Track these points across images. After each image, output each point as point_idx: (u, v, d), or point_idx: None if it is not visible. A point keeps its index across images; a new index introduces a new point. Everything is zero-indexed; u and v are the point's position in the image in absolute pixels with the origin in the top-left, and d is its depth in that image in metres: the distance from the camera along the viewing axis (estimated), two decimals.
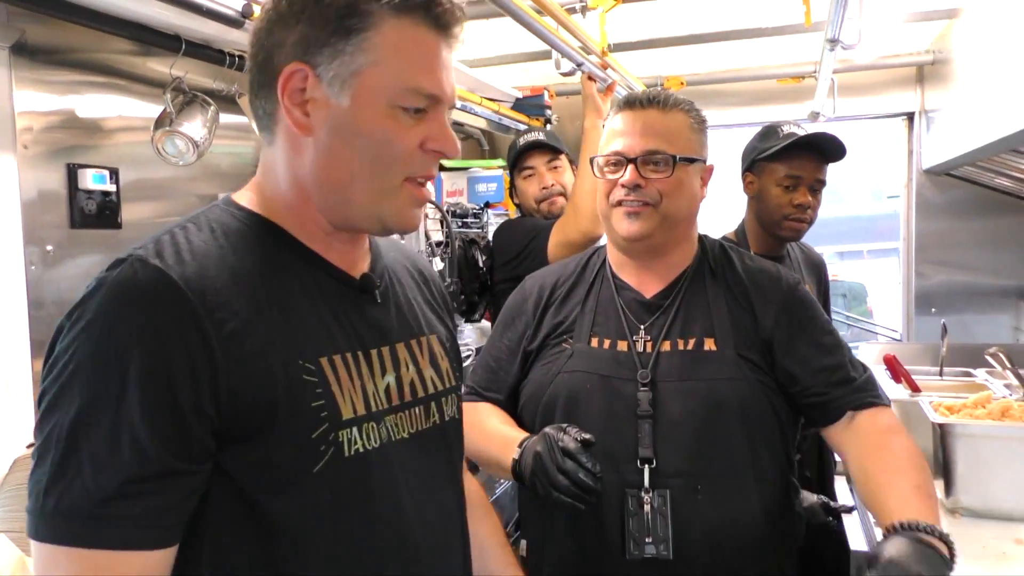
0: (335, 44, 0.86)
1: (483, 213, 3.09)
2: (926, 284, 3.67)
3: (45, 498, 0.75)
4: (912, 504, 1.19)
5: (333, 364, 0.89)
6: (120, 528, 0.75)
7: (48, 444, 0.77)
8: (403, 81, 0.88)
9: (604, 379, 1.41)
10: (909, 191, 3.74)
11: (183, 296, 0.79)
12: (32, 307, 1.84)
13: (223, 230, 0.89)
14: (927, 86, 3.59)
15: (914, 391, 2.15)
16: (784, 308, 1.44)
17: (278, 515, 0.84)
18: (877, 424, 1.36)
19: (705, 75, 3.72)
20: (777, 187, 2.11)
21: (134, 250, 0.82)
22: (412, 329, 1.03)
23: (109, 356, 0.76)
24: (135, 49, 2.11)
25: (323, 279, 0.93)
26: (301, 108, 0.87)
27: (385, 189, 0.91)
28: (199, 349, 0.78)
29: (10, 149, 1.80)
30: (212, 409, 0.79)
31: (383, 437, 0.92)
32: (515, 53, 3.30)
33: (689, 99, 1.51)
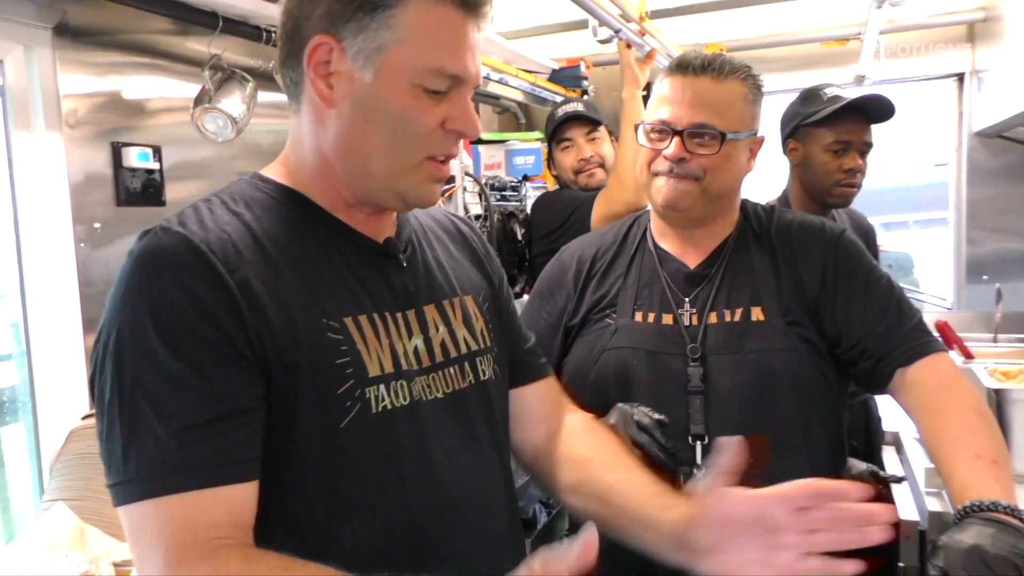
0: (360, 19, 0.86)
1: (521, 186, 3.07)
2: (978, 251, 3.57)
3: (125, 464, 0.78)
4: (975, 478, 1.12)
5: (359, 324, 0.90)
6: (203, 469, 0.78)
7: (112, 416, 0.79)
8: (426, 61, 0.88)
9: (651, 355, 1.38)
10: (959, 155, 3.62)
11: (205, 256, 0.82)
12: (83, 285, 1.88)
13: (246, 200, 0.92)
14: (978, 44, 3.47)
15: (968, 358, 2.10)
16: (830, 263, 1.39)
17: (306, 468, 0.86)
18: (927, 382, 1.29)
19: (746, 40, 3.63)
20: (825, 152, 2.05)
21: (159, 223, 0.86)
22: (443, 291, 1.04)
23: (145, 318, 0.79)
24: (174, 28, 2.13)
25: (346, 245, 0.95)
26: (325, 80, 0.88)
27: (404, 166, 0.92)
28: (226, 301, 0.82)
29: (56, 129, 1.84)
30: (249, 351, 0.82)
31: (413, 395, 0.93)
32: (551, 24, 3.27)
33: (747, 65, 1.42)
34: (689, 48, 1.46)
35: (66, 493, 1.65)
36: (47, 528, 1.54)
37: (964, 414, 1.23)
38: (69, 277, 1.87)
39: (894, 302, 1.37)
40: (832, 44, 3.52)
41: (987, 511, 1.06)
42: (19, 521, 1.94)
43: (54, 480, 1.71)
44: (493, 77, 2.96)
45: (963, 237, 3.60)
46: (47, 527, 1.54)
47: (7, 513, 1.96)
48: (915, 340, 1.33)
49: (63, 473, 1.70)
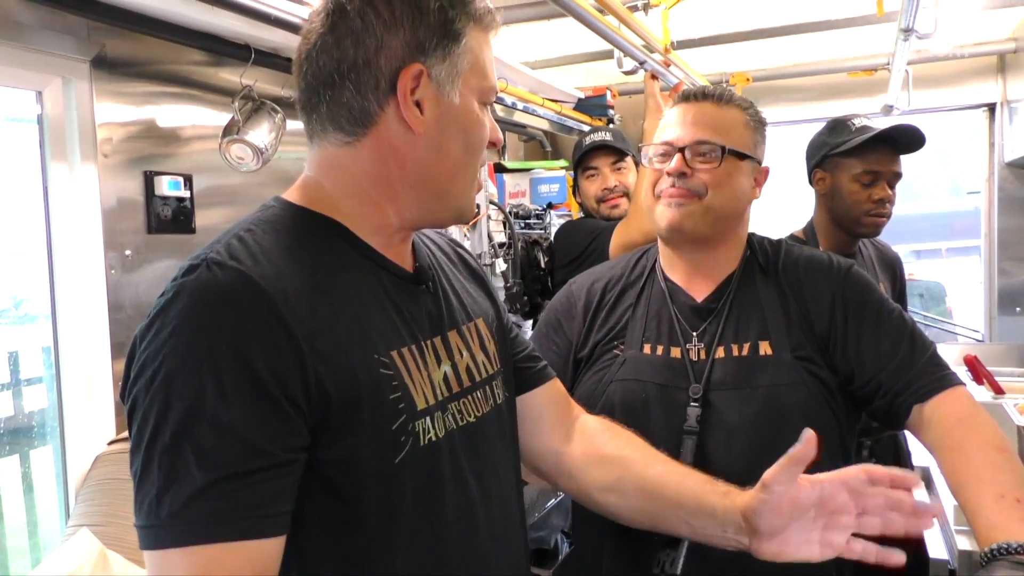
0: (446, 46, 0.92)
1: (545, 214, 3.08)
2: (1010, 282, 3.51)
3: (159, 507, 0.76)
4: (1000, 519, 1.10)
5: (403, 357, 0.91)
6: (237, 521, 0.77)
7: (151, 454, 0.77)
8: (485, 80, 0.97)
9: (661, 388, 1.38)
10: (991, 185, 3.58)
11: (265, 294, 0.80)
12: (112, 310, 1.91)
13: (287, 230, 0.90)
14: (1009, 75, 3.44)
15: (997, 393, 2.06)
16: (838, 298, 1.38)
17: (364, 506, 0.86)
18: (945, 418, 1.26)
19: (772, 70, 3.64)
20: (854, 183, 2.03)
21: (207, 254, 0.83)
22: (461, 316, 1.06)
23: (201, 358, 0.76)
24: (208, 60, 2.18)
25: (384, 276, 0.95)
26: (416, 107, 0.91)
27: (472, 179, 0.99)
28: (286, 344, 0.80)
29: (91, 159, 1.89)
30: (304, 402, 0.80)
31: (448, 425, 0.95)
32: (577, 53, 3.29)
33: (748, 99, 1.46)
34: (714, 78, 1.49)
35: (90, 519, 1.67)
36: (70, 553, 1.56)
37: (985, 451, 1.20)
38: (99, 303, 1.90)
39: (907, 336, 1.35)
40: (859, 74, 3.51)
41: (1016, 554, 1.04)
42: (46, 544, 1.96)
43: (79, 505, 1.74)
44: (519, 106, 2.98)
45: (995, 268, 3.55)
46: (70, 552, 1.56)
47: (35, 536, 1.98)
48: (931, 375, 1.30)
49: (88, 499, 1.72)
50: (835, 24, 2.93)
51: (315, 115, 0.94)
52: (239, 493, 0.77)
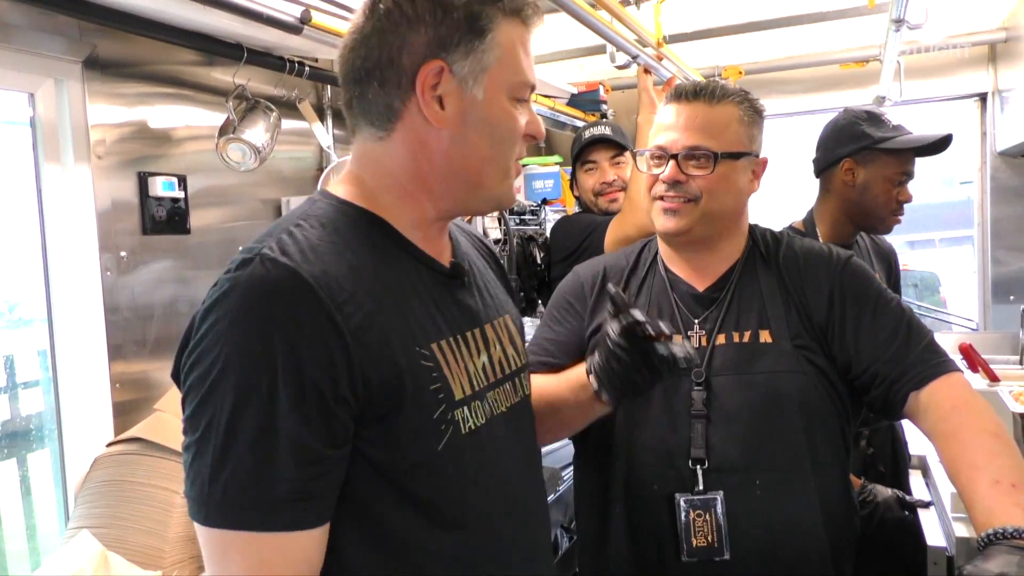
0: (469, 42, 0.93)
1: (540, 210, 3.08)
2: (1003, 271, 3.52)
3: (211, 485, 0.80)
4: (996, 504, 1.11)
5: (442, 349, 0.95)
6: (285, 511, 0.81)
7: (208, 435, 0.81)
8: (517, 75, 0.98)
9: None
10: (983, 174, 3.59)
11: (315, 292, 0.83)
12: (108, 312, 1.91)
13: (333, 225, 0.94)
14: (1000, 65, 3.45)
15: (992, 380, 2.07)
16: (836, 288, 1.39)
17: (410, 492, 0.90)
18: (941, 405, 1.27)
19: (764, 63, 3.64)
20: (887, 183, 1.99)
21: (260, 248, 0.86)
22: (494, 310, 1.10)
23: (256, 351, 0.80)
24: (200, 60, 2.18)
25: (423, 270, 0.99)
26: (438, 102, 0.94)
27: (506, 171, 1.00)
28: (334, 340, 0.83)
29: (85, 160, 1.88)
30: (351, 396, 0.84)
31: (487, 413, 1.00)
32: (570, 48, 3.29)
33: (743, 90, 1.45)
34: (707, 71, 1.49)
35: (90, 521, 1.67)
36: (71, 555, 1.55)
37: (981, 437, 1.21)
38: (95, 305, 1.90)
39: (903, 325, 1.36)
40: (851, 66, 3.51)
41: (1012, 538, 1.05)
42: (45, 548, 1.96)
43: (79, 507, 1.73)
44: None
45: (988, 257, 3.56)
46: (71, 554, 1.56)
47: (33, 540, 1.98)
48: (927, 362, 1.31)
49: (88, 501, 1.72)
50: (826, 16, 2.94)
51: (350, 111, 0.99)
52: (288, 485, 0.81)
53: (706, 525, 1.29)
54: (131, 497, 1.68)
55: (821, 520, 1.32)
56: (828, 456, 1.36)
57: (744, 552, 1.29)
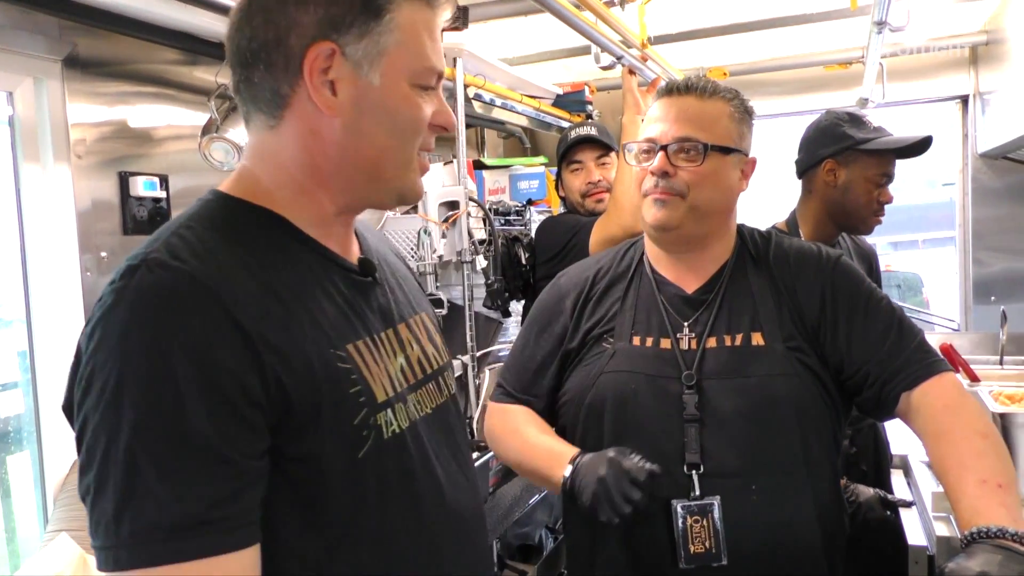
0: (364, 23, 0.86)
1: (525, 210, 3.08)
2: (984, 272, 3.55)
3: (118, 526, 0.71)
4: (981, 504, 1.12)
5: (359, 350, 0.89)
6: (207, 535, 0.73)
7: (105, 470, 0.72)
8: (420, 60, 0.90)
9: (650, 378, 1.37)
10: (964, 176, 3.62)
11: (214, 294, 0.76)
12: (88, 313, 1.88)
13: (228, 225, 0.86)
14: (981, 67, 3.48)
15: (973, 381, 2.09)
16: (828, 288, 1.39)
17: (329, 503, 0.84)
18: (931, 405, 1.28)
19: (748, 65, 3.65)
20: (868, 183, 2.02)
21: (146, 254, 0.78)
22: (408, 309, 1.05)
23: (154, 365, 0.72)
24: (182, 59, 2.16)
25: (330, 268, 0.93)
26: (329, 88, 0.86)
27: (407, 162, 0.93)
28: (240, 344, 0.76)
29: (65, 160, 1.86)
30: (265, 402, 0.77)
31: (411, 416, 0.94)
32: (555, 49, 3.29)
33: (735, 89, 1.46)
34: (691, 73, 1.49)
35: (69, 524, 1.65)
36: (50, 559, 1.54)
37: (969, 438, 1.22)
38: (75, 306, 1.88)
39: (894, 324, 1.36)
40: (835, 68, 3.53)
41: (995, 538, 1.06)
42: (25, 551, 1.93)
43: (57, 510, 1.72)
44: (497, 103, 2.98)
45: (969, 258, 3.59)
46: (50, 558, 1.54)
47: (12, 543, 1.96)
48: (918, 362, 1.32)
49: (66, 503, 1.70)
50: (810, 18, 2.96)
51: (239, 96, 0.91)
52: (207, 507, 0.73)
53: (704, 531, 1.28)
54: None
55: (816, 521, 1.31)
56: (821, 457, 1.35)
57: (741, 556, 1.29)
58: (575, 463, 1.32)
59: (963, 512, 1.14)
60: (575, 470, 1.31)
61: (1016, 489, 1.15)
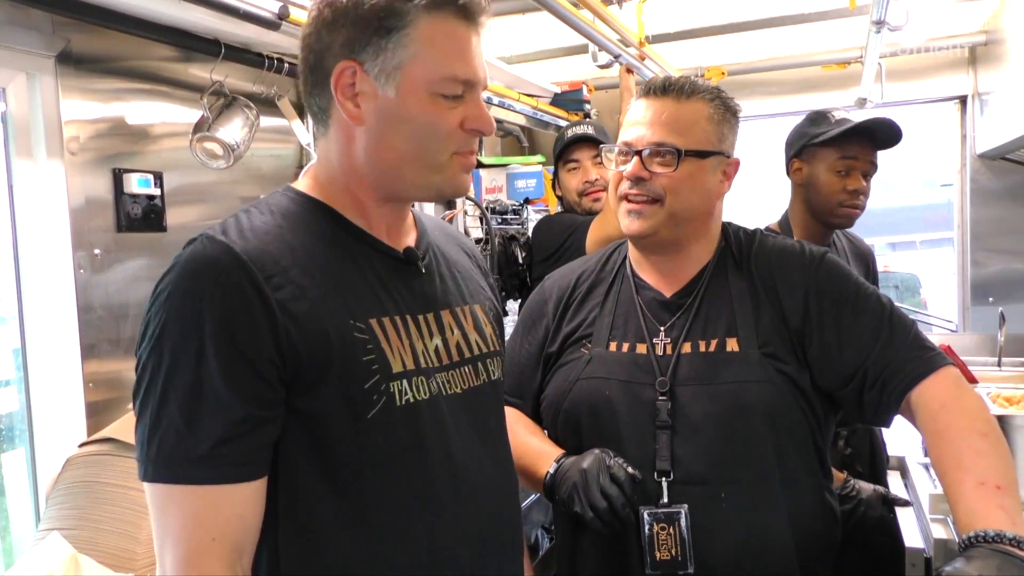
0: (377, 42, 0.96)
1: (523, 209, 3.07)
2: (982, 273, 3.55)
3: (148, 446, 0.89)
4: (979, 507, 1.10)
5: (383, 325, 1.00)
6: (210, 465, 0.88)
7: (146, 400, 0.90)
8: (440, 71, 0.98)
9: (624, 384, 1.36)
10: (963, 177, 3.62)
11: (243, 264, 0.91)
12: (81, 311, 1.88)
13: (281, 211, 1.02)
14: (980, 68, 3.48)
15: (971, 382, 2.08)
16: (812, 289, 1.36)
17: (340, 458, 0.95)
18: (929, 404, 1.25)
19: (747, 64, 3.65)
20: (829, 173, 2.04)
21: (207, 231, 0.95)
22: (456, 298, 1.14)
23: (186, 319, 0.89)
24: (177, 55, 2.15)
25: (371, 253, 1.04)
26: (352, 101, 0.98)
27: (434, 165, 1.02)
28: (260, 307, 0.90)
29: (58, 156, 1.85)
30: (278, 359, 0.90)
31: (433, 390, 1.03)
32: (553, 48, 3.29)
33: (716, 88, 1.42)
34: (689, 72, 1.47)
35: (61, 522, 1.64)
36: (42, 557, 1.53)
37: (968, 437, 1.19)
38: (68, 303, 1.87)
39: (886, 320, 1.33)
40: (833, 67, 3.53)
41: (993, 542, 1.04)
42: (19, 549, 1.92)
43: (50, 509, 1.71)
44: (495, 101, 2.97)
45: (967, 259, 3.59)
46: (42, 556, 1.53)
47: (7, 539, 1.95)
48: (916, 359, 1.28)
49: (59, 502, 1.69)
50: (808, 18, 2.95)
51: (309, 111, 1.06)
52: (215, 442, 0.88)
53: (670, 539, 1.27)
54: (103, 498, 1.65)
55: (790, 534, 1.29)
56: (799, 466, 1.33)
57: (710, 566, 1.27)
58: (559, 461, 1.34)
59: (961, 515, 1.12)
60: (559, 467, 1.33)
61: (1015, 491, 1.13)
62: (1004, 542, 1.04)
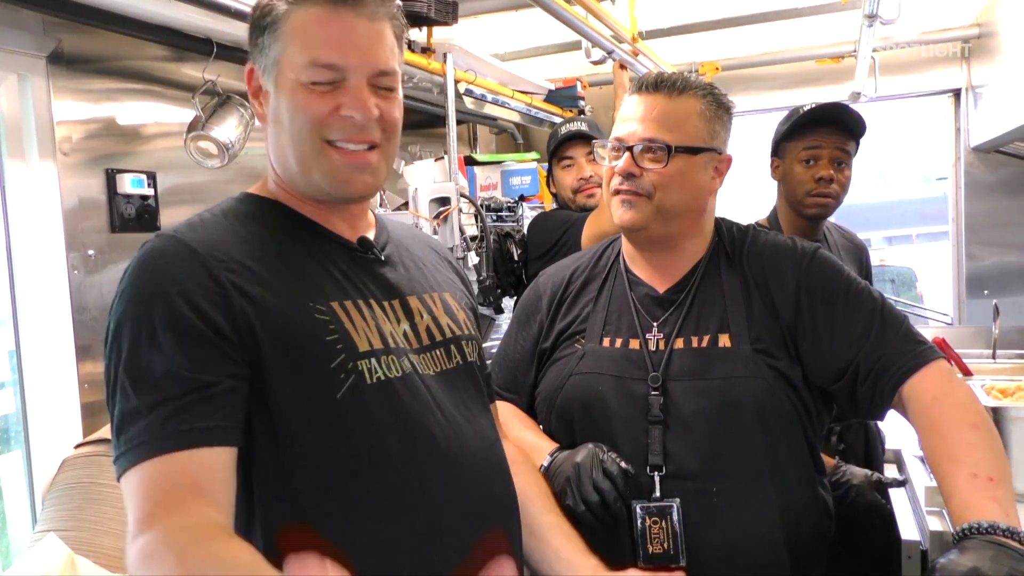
0: (258, 40, 1.02)
1: (518, 206, 3.07)
2: (977, 266, 3.56)
3: (118, 439, 0.88)
4: (972, 498, 1.11)
5: (345, 308, 1.01)
6: (178, 433, 0.86)
7: (112, 392, 0.91)
8: (303, 58, 0.99)
9: (617, 380, 1.36)
10: (957, 170, 3.62)
11: (194, 252, 0.94)
12: (76, 312, 1.88)
13: (233, 213, 1.04)
14: (973, 61, 3.48)
15: (966, 375, 2.09)
16: (803, 284, 1.36)
17: (310, 443, 0.95)
18: (921, 397, 1.25)
19: (741, 59, 3.65)
20: (797, 164, 2.06)
21: (162, 231, 0.99)
22: (423, 286, 1.15)
23: (139, 306, 0.91)
24: (169, 55, 2.15)
25: (327, 244, 1.06)
26: (258, 101, 1.05)
27: (308, 154, 1.02)
28: (212, 289, 0.92)
29: (50, 157, 1.85)
30: (234, 335, 0.91)
31: (406, 369, 1.03)
32: (546, 45, 3.29)
33: (709, 84, 1.43)
34: (683, 67, 1.47)
35: (58, 523, 1.64)
36: (38, 559, 1.53)
37: (960, 430, 1.20)
38: (62, 304, 1.87)
39: (877, 314, 1.33)
40: (827, 62, 3.53)
41: (987, 534, 1.05)
42: (16, 550, 1.92)
43: (46, 510, 1.71)
44: (489, 98, 2.97)
45: (962, 252, 3.59)
46: (38, 558, 1.53)
47: (3, 541, 1.95)
48: (907, 352, 1.29)
49: (55, 503, 1.69)
50: (802, 12, 2.96)
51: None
52: (173, 413, 0.87)
53: (662, 532, 1.28)
54: (99, 499, 1.65)
55: (780, 528, 1.30)
56: (790, 463, 1.33)
57: (702, 560, 1.28)
58: (553, 455, 1.35)
59: (955, 507, 1.13)
60: (552, 461, 1.34)
61: (1009, 482, 1.14)
62: (997, 533, 1.04)
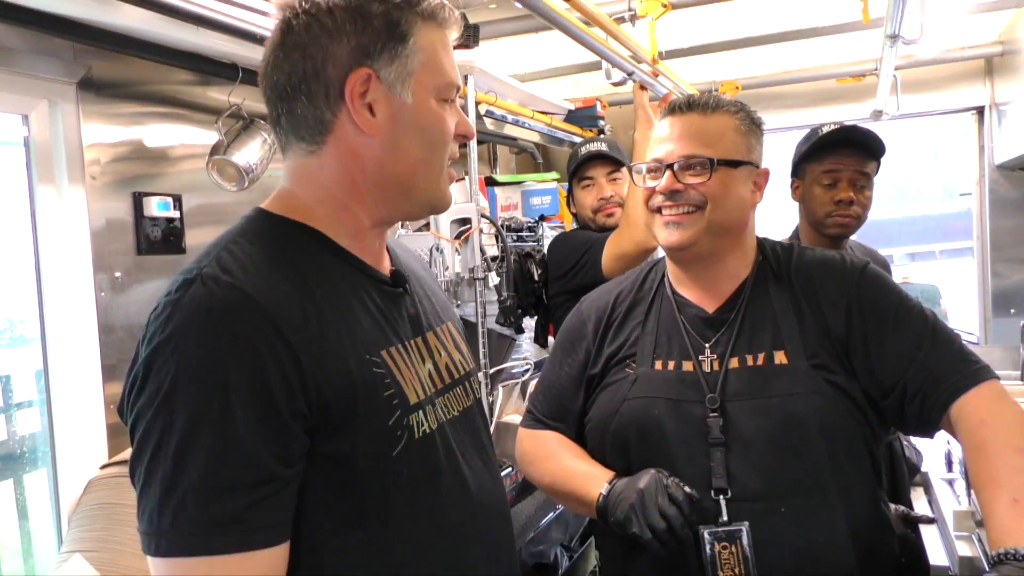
0: (393, 48, 0.94)
1: (538, 226, 3.07)
2: (1003, 284, 3.51)
3: (160, 516, 0.79)
4: (1011, 524, 1.09)
5: (392, 356, 0.96)
6: (238, 533, 0.79)
7: (155, 464, 0.80)
8: (442, 76, 0.99)
9: (672, 403, 1.35)
10: (982, 187, 3.59)
11: (261, 307, 0.83)
12: (103, 332, 1.90)
13: (272, 241, 0.93)
14: (997, 78, 3.46)
15: None
16: (854, 301, 1.35)
17: (364, 499, 0.90)
18: (968, 418, 1.23)
19: (761, 78, 3.65)
20: (818, 186, 2.06)
21: (199, 268, 0.85)
22: (434, 318, 1.12)
23: (206, 372, 0.79)
24: (195, 79, 2.18)
25: (366, 281, 1.00)
26: (368, 109, 0.94)
27: (439, 173, 1.01)
28: (286, 355, 0.83)
29: (79, 181, 1.88)
30: (306, 409, 0.84)
31: (438, 418, 1.00)
32: (566, 65, 3.30)
33: (739, 102, 1.43)
34: (703, 87, 1.48)
35: (84, 544, 1.66)
36: None
37: (1005, 453, 1.18)
38: (90, 325, 1.89)
39: (928, 332, 1.31)
40: (848, 80, 3.52)
41: (1022, 560, 1.03)
42: (42, 570, 1.94)
43: (72, 531, 1.72)
44: (509, 119, 2.98)
45: (988, 270, 3.55)
46: None
47: (29, 561, 1.96)
48: (958, 372, 1.26)
49: (81, 524, 1.70)
50: (822, 31, 2.95)
51: (278, 128, 0.99)
52: (241, 508, 0.79)
53: (732, 557, 1.25)
54: (124, 520, 1.66)
55: (850, 543, 1.28)
56: (855, 477, 1.31)
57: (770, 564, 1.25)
58: (612, 482, 1.33)
59: (993, 531, 1.11)
60: (612, 488, 1.31)
61: None
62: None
